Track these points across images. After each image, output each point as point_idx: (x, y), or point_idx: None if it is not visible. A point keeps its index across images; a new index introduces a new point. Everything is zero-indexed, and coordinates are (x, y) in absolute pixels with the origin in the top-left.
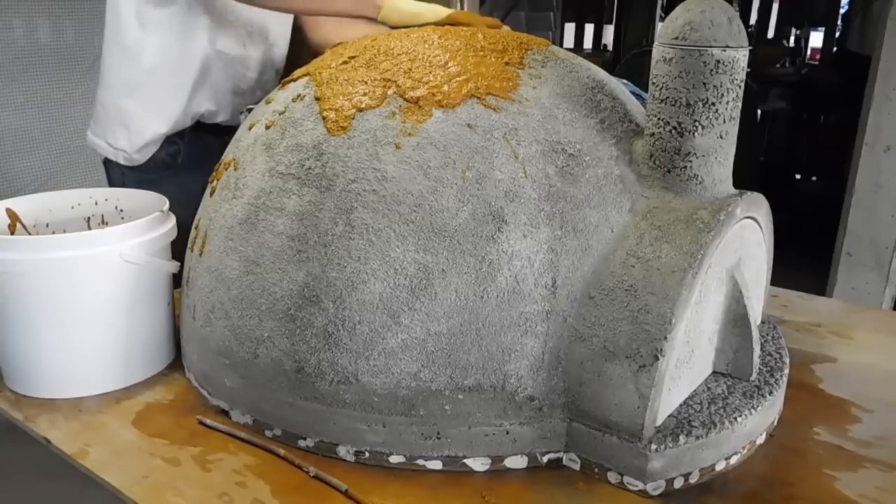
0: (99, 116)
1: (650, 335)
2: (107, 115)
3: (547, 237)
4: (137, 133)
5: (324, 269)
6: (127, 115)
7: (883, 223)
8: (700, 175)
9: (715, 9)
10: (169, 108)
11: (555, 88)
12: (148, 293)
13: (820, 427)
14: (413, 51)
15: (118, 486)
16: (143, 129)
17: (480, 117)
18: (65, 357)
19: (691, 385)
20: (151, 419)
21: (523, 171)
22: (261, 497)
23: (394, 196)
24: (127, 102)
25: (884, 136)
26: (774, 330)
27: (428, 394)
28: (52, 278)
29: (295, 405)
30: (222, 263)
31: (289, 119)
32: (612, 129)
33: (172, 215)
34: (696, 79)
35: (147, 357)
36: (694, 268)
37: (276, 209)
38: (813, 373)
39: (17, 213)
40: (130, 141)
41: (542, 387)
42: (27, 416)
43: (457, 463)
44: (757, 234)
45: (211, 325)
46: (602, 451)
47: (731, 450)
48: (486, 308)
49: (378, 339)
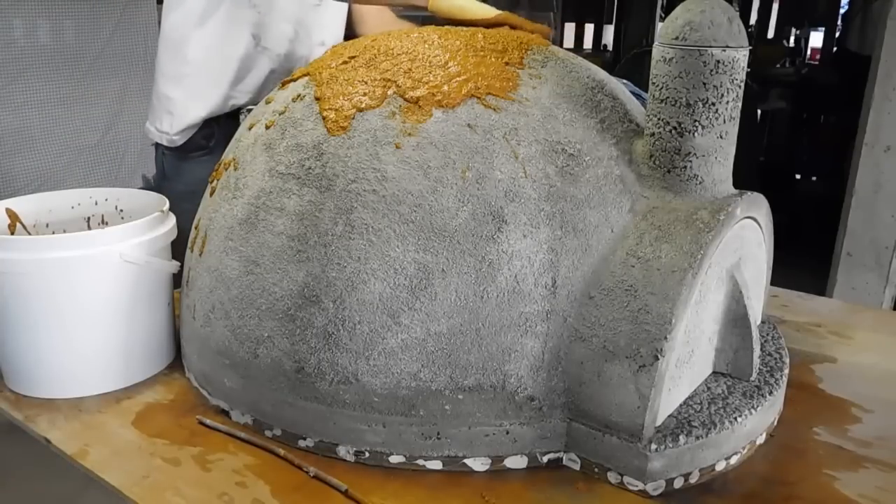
0: (152, 105)
1: (650, 335)
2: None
3: (547, 237)
4: (180, 118)
5: (324, 269)
6: (172, 103)
7: (883, 223)
8: (700, 175)
9: (715, 9)
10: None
11: (555, 88)
12: (148, 293)
13: (820, 427)
14: (413, 51)
15: (118, 486)
16: (185, 115)
17: (480, 117)
18: (65, 357)
19: (691, 385)
20: (151, 419)
21: (523, 171)
22: (261, 497)
23: (394, 196)
24: (173, 91)
25: (884, 136)
26: (774, 330)
27: (428, 394)
28: (52, 278)
29: (295, 405)
30: (222, 263)
31: (289, 119)
32: (612, 129)
33: (172, 215)
34: (696, 79)
35: (147, 357)
36: (694, 268)
37: (276, 209)
38: (813, 373)
39: (17, 213)
40: (173, 125)
41: (542, 387)
42: (27, 416)
43: (457, 463)
44: (757, 234)
45: (211, 325)
46: (602, 451)
47: (731, 450)
48: (486, 308)
49: (378, 339)
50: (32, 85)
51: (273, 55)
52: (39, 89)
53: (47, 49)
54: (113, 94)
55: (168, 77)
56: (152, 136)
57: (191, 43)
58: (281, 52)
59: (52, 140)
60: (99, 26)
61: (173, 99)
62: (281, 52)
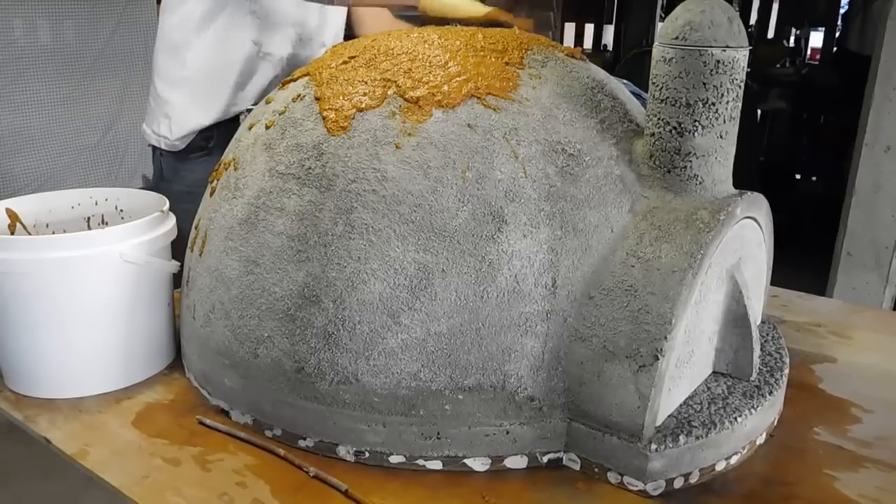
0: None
1: (650, 335)
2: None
3: (547, 237)
4: (178, 123)
5: (324, 269)
6: (169, 107)
7: (883, 223)
8: (700, 175)
9: (715, 9)
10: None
11: (555, 88)
12: (148, 293)
13: (820, 427)
14: (413, 51)
15: (118, 486)
16: (184, 121)
17: (480, 117)
18: (65, 357)
19: (691, 385)
20: (151, 419)
21: (523, 171)
22: (261, 497)
23: (394, 196)
24: (170, 95)
25: (884, 136)
26: (774, 330)
27: (428, 394)
28: (52, 278)
29: (295, 405)
30: (222, 263)
31: (289, 119)
32: (612, 129)
33: (172, 215)
34: (696, 79)
35: (147, 357)
36: (694, 268)
37: (276, 209)
38: (813, 373)
39: (17, 213)
40: (171, 129)
41: (542, 387)
42: (27, 416)
43: (457, 463)
44: (757, 234)
45: (211, 325)
46: (602, 451)
47: (731, 450)
48: (486, 308)
49: (378, 339)
50: (32, 85)
51: (275, 60)
52: (39, 89)
53: (47, 49)
54: (113, 94)
55: (166, 80)
56: (149, 139)
57: (190, 47)
58: (283, 56)
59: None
60: (99, 26)
61: (171, 103)
62: (283, 56)
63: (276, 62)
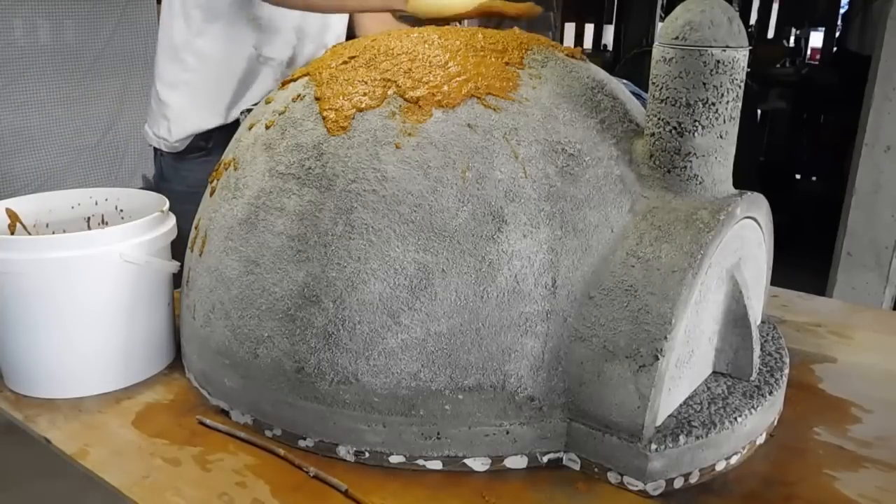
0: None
1: (650, 335)
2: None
3: (547, 237)
4: (177, 126)
5: (324, 269)
6: (170, 109)
7: (883, 223)
8: (700, 175)
9: (715, 9)
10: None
11: (555, 88)
12: (148, 293)
13: (820, 427)
14: (413, 51)
15: (118, 486)
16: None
17: (480, 117)
18: (65, 357)
19: (691, 385)
20: (151, 419)
21: (523, 171)
22: (261, 497)
23: (394, 196)
24: (170, 97)
25: (884, 136)
26: (774, 330)
27: (428, 394)
28: (52, 278)
29: (295, 405)
30: (222, 263)
31: (289, 119)
32: (612, 129)
33: (172, 215)
34: (696, 79)
35: (147, 357)
36: (694, 268)
37: (276, 209)
38: (813, 373)
39: (17, 213)
40: (171, 132)
41: (542, 387)
42: (27, 416)
43: (457, 463)
44: (757, 234)
45: (211, 325)
46: (602, 451)
47: (731, 450)
48: (486, 308)
49: (378, 339)
50: (32, 85)
51: (276, 64)
52: (39, 89)
53: (47, 49)
54: (113, 94)
55: (166, 83)
56: (150, 140)
57: (191, 50)
58: (283, 59)
59: (52, 140)
60: (99, 26)
61: (171, 105)
62: (283, 59)
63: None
